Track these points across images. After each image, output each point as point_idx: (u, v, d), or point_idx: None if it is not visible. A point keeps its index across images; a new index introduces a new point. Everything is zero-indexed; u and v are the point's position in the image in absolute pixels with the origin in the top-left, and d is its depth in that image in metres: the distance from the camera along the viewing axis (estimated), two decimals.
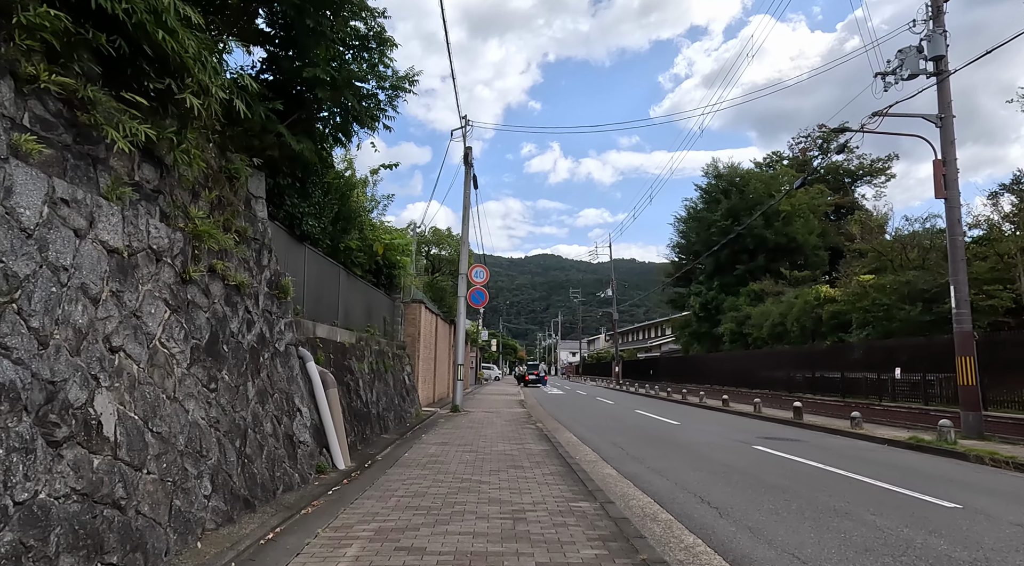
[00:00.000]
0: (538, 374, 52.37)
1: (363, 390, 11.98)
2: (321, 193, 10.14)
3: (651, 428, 16.45)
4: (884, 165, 45.36)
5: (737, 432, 15.69)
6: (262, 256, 7.68)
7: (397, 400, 15.44)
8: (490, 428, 14.47)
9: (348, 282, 13.08)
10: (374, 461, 9.43)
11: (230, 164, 7.00)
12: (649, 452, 11.58)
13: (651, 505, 7.09)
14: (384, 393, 14.01)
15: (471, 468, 8.69)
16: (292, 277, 9.21)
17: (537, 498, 6.73)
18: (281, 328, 7.92)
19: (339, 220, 11.92)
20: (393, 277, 17.74)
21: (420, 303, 20.04)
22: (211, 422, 5.60)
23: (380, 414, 13.02)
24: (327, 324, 10.87)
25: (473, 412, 19.30)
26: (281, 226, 9.13)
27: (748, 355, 34.27)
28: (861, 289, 23.11)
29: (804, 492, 7.85)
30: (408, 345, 19.59)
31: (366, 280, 15.10)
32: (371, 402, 12.42)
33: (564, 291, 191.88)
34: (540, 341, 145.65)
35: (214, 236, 6.04)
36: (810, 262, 38.98)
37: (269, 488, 6.42)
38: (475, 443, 11.55)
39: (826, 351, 25.94)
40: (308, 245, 10.33)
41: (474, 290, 20.47)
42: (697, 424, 17.96)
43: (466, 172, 20.70)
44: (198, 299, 5.81)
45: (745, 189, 40.48)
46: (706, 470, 9.56)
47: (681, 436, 14.49)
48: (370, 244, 14.01)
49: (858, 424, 16.42)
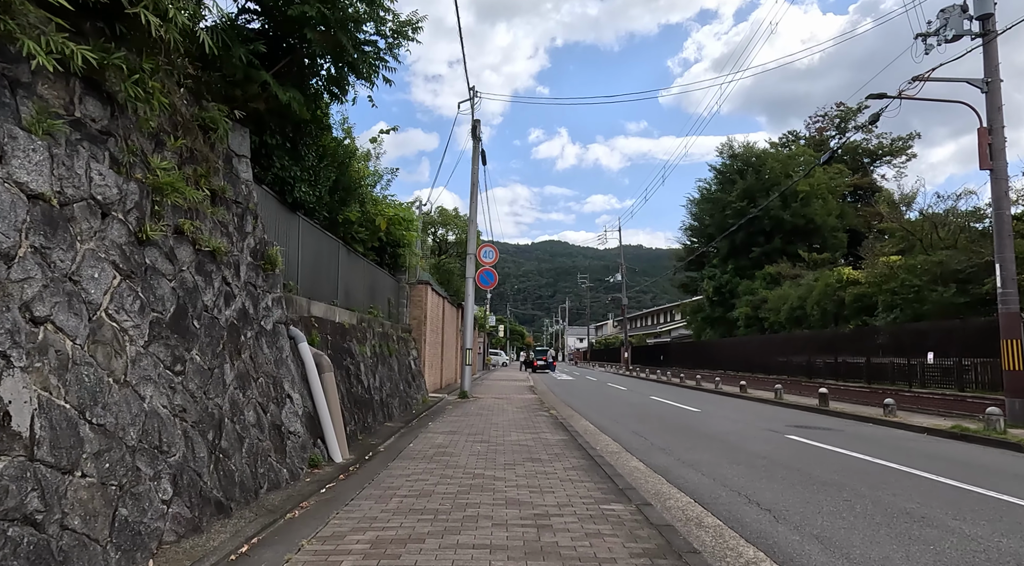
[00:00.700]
0: (547, 360, 51.45)
1: (365, 375, 11.07)
2: (315, 157, 9.15)
3: (671, 416, 15.51)
4: (904, 144, 43.87)
5: (763, 420, 14.73)
6: (245, 221, 6.73)
7: (402, 386, 14.55)
8: (501, 416, 13.56)
9: (349, 259, 12.14)
10: (375, 453, 8.53)
11: (204, 112, 6.02)
12: (675, 442, 10.65)
13: (692, 506, 6.15)
14: (388, 378, 13.12)
15: (483, 461, 7.77)
16: (283, 248, 8.27)
17: (562, 498, 5.80)
18: (268, 304, 6.98)
19: (337, 190, 10.95)
20: (398, 256, 16.79)
21: (427, 285, 19.11)
22: (175, 411, 4.67)
23: (383, 401, 12.13)
24: (324, 303, 9.94)
25: (482, 398, 18.43)
26: (270, 192, 8.17)
27: (765, 340, 33.25)
28: (888, 270, 22.00)
29: (863, 490, 6.89)
30: (414, 328, 18.69)
31: (369, 259, 14.16)
32: (373, 388, 11.52)
33: (571, 277, 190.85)
34: (547, 327, 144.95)
35: (180, 191, 5.08)
36: (828, 244, 37.77)
37: (250, 487, 5.52)
38: (486, 432, 10.65)
39: (849, 335, 24.92)
40: (302, 216, 9.37)
41: (483, 271, 19.50)
42: (719, 411, 17.02)
43: (474, 146, 19.66)
44: (160, 264, 4.86)
45: (761, 169, 39.21)
46: (744, 463, 8.61)
47: (705, 424, 13.55)
48: (372, 219, 13.04)
49: (892, 412, 15.43)
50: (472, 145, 19.69)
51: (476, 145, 19.63)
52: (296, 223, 9.21)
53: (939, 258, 20.31)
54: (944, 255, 20.33)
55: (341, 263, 11.58)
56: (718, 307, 41.26)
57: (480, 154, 19.75)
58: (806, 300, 29.61)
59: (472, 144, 19.71)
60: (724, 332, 41.55)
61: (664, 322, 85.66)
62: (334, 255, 11.17)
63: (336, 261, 11.28)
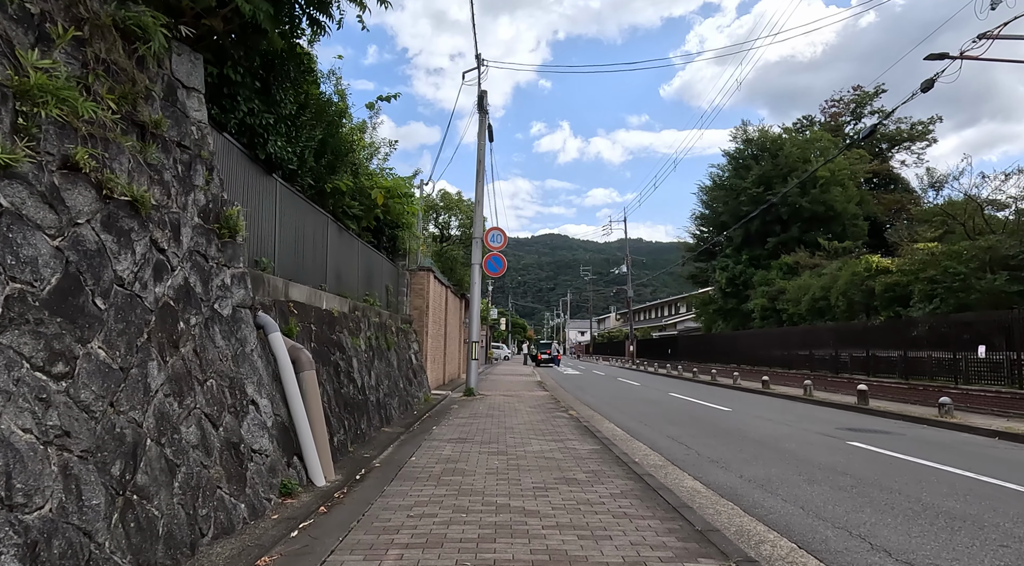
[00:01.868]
0: (550, 353, 49.75)
1: (358, 372, 9.41)
2: (294, 102, 7.44)
3: (703, 416, 13.86)
4: (925, 129, 42.09)
5: (807, 421, 13.08)
6: (193, 172, 5.04)
7: (402, 383, 12.89)
8: (515, 417, 11.91)
9: (340, 238, 10.46)
10: (369, 470, 6.87)
11: (128, 13, 4.32)
12: (725, 451, 9.00)
13: (804, 557, 4.49)
14: (386, 375, 11.46)
15: (505, 483, 6.11)
16: (252, 214, 6.61)
17: (627, 551, 4.14)
18: (225, 281, 5.30)
19: (325, 153, 9.26)
20: (396, 239, 15.09)
21: (429, 271, 17.42)
22: (47, 437, 3.00)
23: (380, 401, 10.47)
24: (309, 286, 8.26)
25: (490, 396, 16.79)
26: (234, 142, 6.48)
27: (784, 333, 31.59)
28: (929, 257, 20.29)
29: (1007, 526, 5.24)
30: (415, 319, 17.02)
31: (364, 240, 12.47)
32: (368, 387, 9.86)
33: (571, 270, 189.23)
34: (547, 320, 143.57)
35: (68, 102, 3.39)
36: (848, 232, 36.07)
37: (182, 539, 3.85)
38: (501, 439, 9.00)
39: (882, 327, 23.26)
40: (280, 179, 7.68)
41: (491, 256, 17.80)
42: (751, 410, 15.38)
43: (480, 120, 17.91)
44: (32, 210, 3.18)
45: (778, 154, 37.41)
46: (823, 481, 6.96)
47: (745, 427, 11.89)
48: (367, 192, 11.33)
49: (948, 412, 13.79)
50: (478, 118, 17.96)
51: (483, 118, 17.90)
52: (273, 188, 7.52)
53: (988, 243, 18.64)
54: (993, 240, 18.64)
55: (331, 242, 9.90)
56: (731, 299, 39.60)
57: (487, 129, 18.02)
58: (830, 290, 27.94)
59: (478, 117, 17.98)
60: (737, 325, 39.92)
61: (669, 315, 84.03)
62: (322, 231, 9.49)
63: (324, 238, 9.60)
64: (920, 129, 41.65)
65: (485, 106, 17.78)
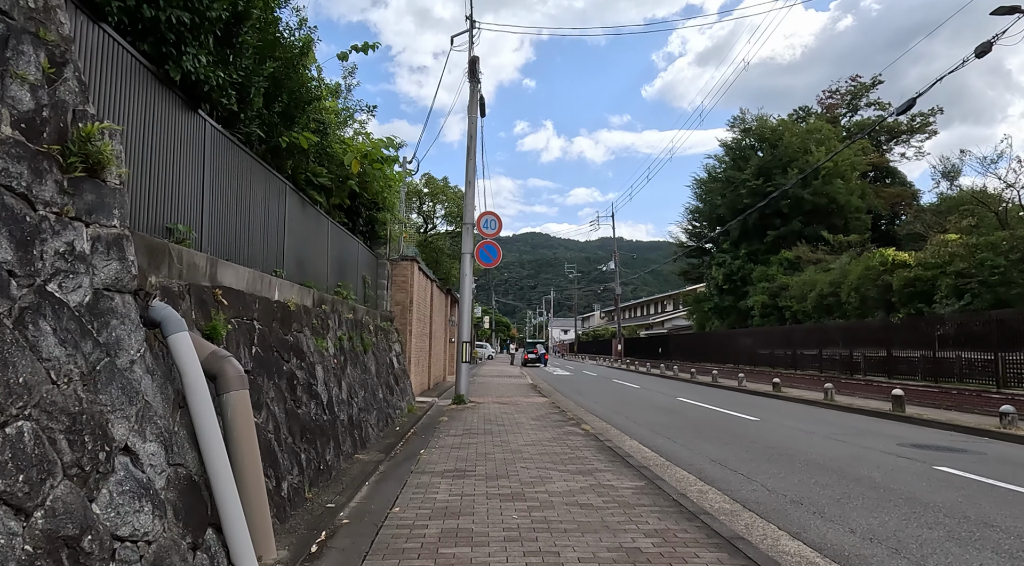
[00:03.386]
0: (538, 353, 47.58)
1: (324, 384, 7.23)
2: (229, 12, 5.23)
3: (732, 428, 11.88)
4: (925, 121, 40.76)
5: (856, 435, 11.18)
6: (13, 52, 2.87)
7: (381, 393, 10.73)
8: (519, 434, 9.82)
9: (304, 213, 8.27)
10: (333, 532, 4.73)
11: None
12: (795, 483, 6.99)
13: None
14: (362, 384, 9.30)
15: (537, 560, 4.02)
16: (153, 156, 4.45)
17: None
18: (76, 246, 3.12)
19: (279, 96, 7.07)
20: (375, 222, 12.90)
21: (413, 262, 15.23)
22: None
23: (354, 419, 8.30)
24: (254, 269, 6.07)
25: (483, 403, 14.68)
26: (126, 45, 4.27)
27: (789, 331, 29.87)
28: (964, 249, 18.57)
29: None
30: (397, 316, 14.84)
31: (336, 220, 10.29)
32: (338, 402, 7.69)
33: (553, 269, 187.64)
34: (530, 319, 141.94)
35: None
36: (851, 226, 34.50)
37: None
38: (511, 471, 6.90)
39: (902, 326, 21.56)
40: (209, 118, 5.48)
41: (483, 245, 15.65)
42: (781, 419, 13.48)
43: (471, 90, 15.77)
44: None
45: (778, 144, 35.71)
46: (971, 539, 4.98)
47: (792, 444, 9.94)
48: (339, 160, 9.14)
49: (1012, 423, 12.02)
50: (469, 88, 15.81)
51: (474, 88, 15.76)
52: (198, 130, 5.32)
53: None
54: None
55: (291, 216, 7.71)
56: (727, 296, 37.88)
57: (479, 100, 15.89)
58: (840, 286, 26.26)
59: (469, 87, 15.83)
60: (733, 323, 38.23)
61: (656, 313, 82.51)
62: (277, 201, 7.30)
63: (281, 211, 7.41)
64: (921, 121, 40.31)
65: (477, 74, 15.64)
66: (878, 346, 22.62)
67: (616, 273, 58.38)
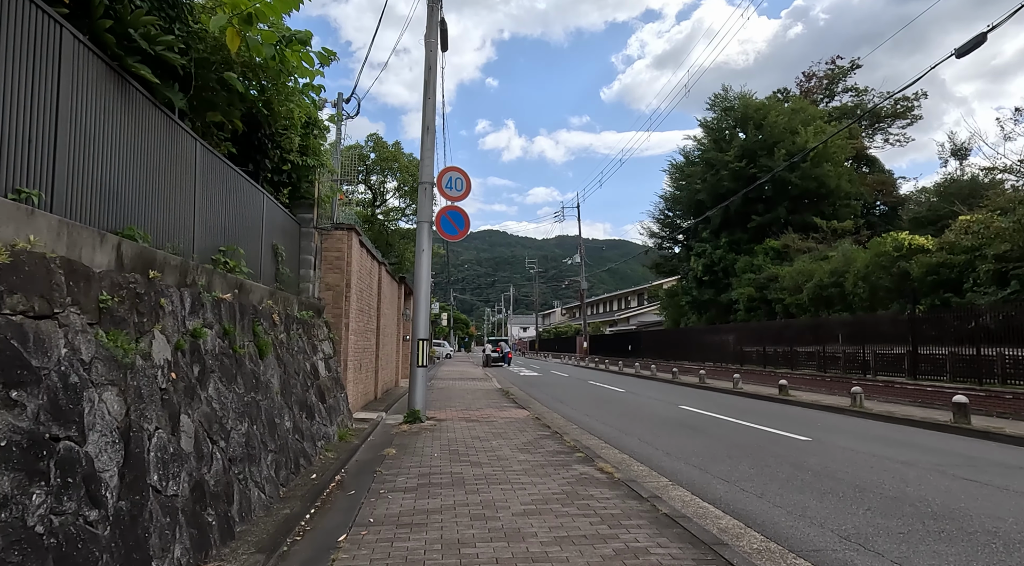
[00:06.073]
0: (501, 351, 43.72)
1: (122, 436, 3.42)
2: None
3: (799, 458, 8.46)
4: (909, 106, 38.80)
5: (967, 465, 7.90)
6: None
7: (289, 420, 6.89)
8: (507, 485, 6.14)
9: (121, 98, 4.42)
10: None
11: None
12: None
13: None
14: (241, 414, 5.45)
15: None
16: None
17: None
18: None
19: None
20: (298, 173, 9.03)
21: (351, 231, 11.33)
22: None
23: (210, 487, 4.48)
24: None
25: (445, 420, 10.94)
26: None
27: (783, 326, 26.96)
28: (1018, 226, 15.80)
29: None
30: (329, 305, 10.95)
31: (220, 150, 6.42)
32: (167, 462, 3.86)
33: (510, 266, 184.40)
34: (488, 316, 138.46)
35: None
36: (839, 212, 31.99)
37: None
38: None
39: (926, 319, 18.75)
40: None
41: (447, 210, 11.84)
42: (839, 440, 10.20)
43: (430, 9, 11.99)
44: None
45: (762, 124, 32.94)
46: None
47: (916, 489, 6.55)
48: (192, 11, 5.29)
49: None
50: (427, 5, 12.02)
51: (433, 7, 11.98)
52: None
53: None
54: None
55: (79, 94, 3.87)
56: (708, 289, 34.98)
57: (439, 24, 12.12)
58: (844, 275, 23.46)
59: (427, 5, 12.04)
60: (714, 317, 35.36)
61: (620, 309, 79.94)
62: (36, 55, 3.44)
63: (47, 69, 3.56)
64: (905, 105, 38.32)
65: None
66: (896, 342, 19.77)
67: (582, 267, 55.42)
